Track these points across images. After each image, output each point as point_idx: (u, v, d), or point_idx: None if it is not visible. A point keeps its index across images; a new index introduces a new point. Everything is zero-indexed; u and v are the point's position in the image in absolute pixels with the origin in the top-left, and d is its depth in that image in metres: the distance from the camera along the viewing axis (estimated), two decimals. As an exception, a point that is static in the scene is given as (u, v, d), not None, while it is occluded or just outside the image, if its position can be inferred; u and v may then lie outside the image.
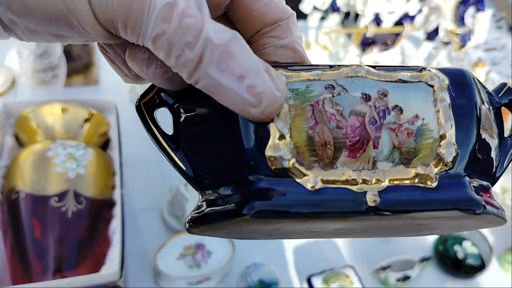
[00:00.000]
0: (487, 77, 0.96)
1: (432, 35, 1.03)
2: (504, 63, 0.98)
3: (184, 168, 0.22)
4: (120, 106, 0.76)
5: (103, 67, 0.98)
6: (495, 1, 1.25)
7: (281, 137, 0.19)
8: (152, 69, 0.20)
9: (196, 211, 0.21)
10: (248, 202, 0.19)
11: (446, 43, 1.01)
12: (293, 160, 0.19)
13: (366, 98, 0.20)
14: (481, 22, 0.91)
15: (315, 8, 1.03)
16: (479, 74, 0.97)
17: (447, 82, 0.21)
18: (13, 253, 0.58)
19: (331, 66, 0.21)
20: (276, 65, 0.21)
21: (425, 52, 1.08)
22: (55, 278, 0.55)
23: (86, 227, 0.59)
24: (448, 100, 0.21)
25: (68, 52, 0.91)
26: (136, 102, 0.22)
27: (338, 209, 0.19)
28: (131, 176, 0.80)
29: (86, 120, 0.70)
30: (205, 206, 0.21)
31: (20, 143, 0.69)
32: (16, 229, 0.58)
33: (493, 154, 0.22)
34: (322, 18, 1.09)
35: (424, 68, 0.21)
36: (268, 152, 0.19)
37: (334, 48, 1.11)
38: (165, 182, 0.81)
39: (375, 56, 1.05)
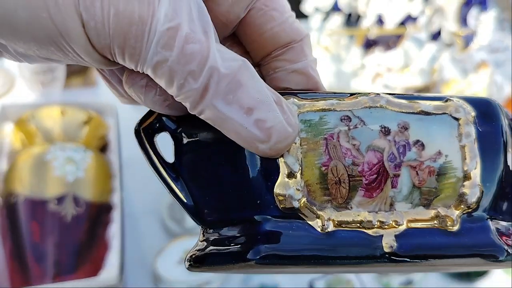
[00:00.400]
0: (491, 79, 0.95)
1: (435, 36, 1.02)
2: (507, 64, 0.98)
3: (185, 200, 0.20)
4: (120, 107, 0.75)
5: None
6: (498, 1, 1.24)
7: (291, 174, 0.18)
8: (150, 96, 0.18)
9: (197, 249, 0.20)
10: (253, 245, 0.18)
11: (449, 45, 1.01)
12: (303, 200, 0.18)
13: (385, 131, 0.19)
14: (484, 23, 0.90)
15: (317, 9, 1.03)
16: (483, 76, 0.96)
17: (473, 114, 0.19)
18: (12, 257, 0.57)
19: (348, 95, 0.19)
20: (287, 92, 0.19)
21: (428, 53, 1.07)
22: (54, 282, 0.55)
23: (85, 231, 0.59)
24: (474, 135, 0.19)
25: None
26: (136, 126, 0.21)
27: (351, 254, 0.18)
28: (131, 179, 0.79)
29: (85, 123, 0.70)
30: (207, 245, 0.19)
31: (19, 146, 0.69)
32: (15, 233, 0.58)
33: None
34: (324, 19, 1.09)
35: (448, 98, 0.20)
36: (277, 190, 0.18)
37: (336, 49, 1.11)
38: (165, 185, 0.80)
39: (378, 57, 1.05)
